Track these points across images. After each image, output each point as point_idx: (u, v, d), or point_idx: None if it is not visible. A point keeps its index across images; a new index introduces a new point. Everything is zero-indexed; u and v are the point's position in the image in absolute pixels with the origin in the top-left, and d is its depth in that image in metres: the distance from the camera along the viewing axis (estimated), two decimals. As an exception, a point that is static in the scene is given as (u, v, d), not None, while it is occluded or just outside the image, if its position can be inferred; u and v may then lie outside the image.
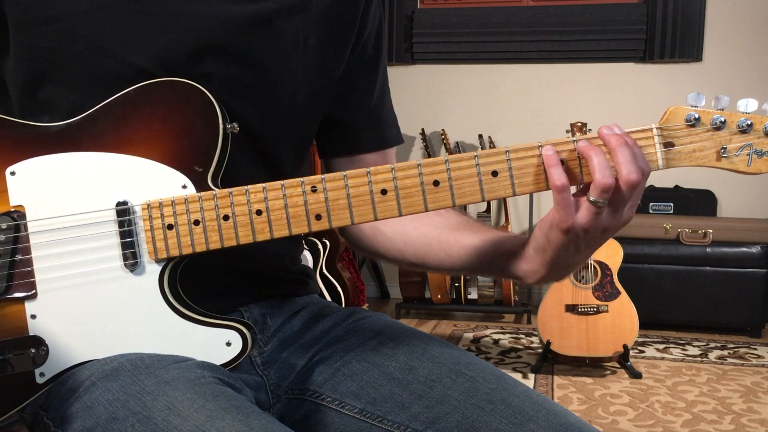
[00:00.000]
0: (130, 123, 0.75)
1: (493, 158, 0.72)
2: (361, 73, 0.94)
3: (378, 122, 0.97)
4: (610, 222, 0.70)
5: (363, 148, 0.96)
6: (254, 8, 0.81)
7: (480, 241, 0.84)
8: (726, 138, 0.71)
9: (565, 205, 0.69)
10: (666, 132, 0.72)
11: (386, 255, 0.93)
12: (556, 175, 0.69)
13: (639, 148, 0.70)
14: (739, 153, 0.71)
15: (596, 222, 0.69)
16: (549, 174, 0.69)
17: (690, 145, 0.72)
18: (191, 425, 0.63)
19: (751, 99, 0.71)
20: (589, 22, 4.01)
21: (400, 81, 4.26)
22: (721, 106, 0.72)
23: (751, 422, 2.35)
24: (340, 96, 0.93)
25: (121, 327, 0.74)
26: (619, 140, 0.69)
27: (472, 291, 3.78)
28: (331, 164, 0.98)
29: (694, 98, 0.72)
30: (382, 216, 0.73)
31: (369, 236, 0.94)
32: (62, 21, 0.76)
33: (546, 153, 0.70)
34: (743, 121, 0.71)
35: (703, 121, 0.71)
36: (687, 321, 3.53)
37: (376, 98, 0.96)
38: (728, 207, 3.95)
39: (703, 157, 0.72)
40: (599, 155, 0.68)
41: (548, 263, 0.75)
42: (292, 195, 0.73)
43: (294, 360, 0.87)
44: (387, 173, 0.72)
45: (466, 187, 0.72)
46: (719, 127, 0.71)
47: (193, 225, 0.73)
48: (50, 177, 0.74)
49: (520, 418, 0.74)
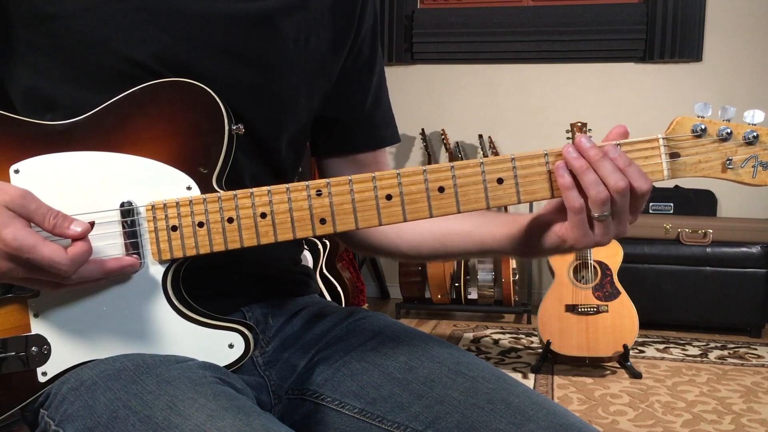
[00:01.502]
0: (135, 123, 0.75)
1: (498, 165, 0.72)
2: (356, 74, 0.95)
3: (372, 122, 0.98)
4: (618, 230, 0.73)
5: (356, 148, 0.97)
6: (256, 6, 0.81)
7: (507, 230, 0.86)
8: (732, 149, 0.72)
9: (582, 225, 0.72)
10: (672, 142, 0.72)
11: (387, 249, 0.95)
12: (573, 198, 0.71)
13: (610, 156, 0.71)
14: (744, 165, 0.72)
15: (608, 234, 0.73)
16: (565, 196, 0.71)
17: (695, 156, 0.72)
18: (192, 424, 0.63)
19: (757, 110, 0.71)
20: (589, 22, 4.01)
21: (400, 81, 4.26)
22: (727, 116, 0.72)
23: (751, 422, 2.35)
24: (336, 95, 0.93)
25: (124, 327, 0.74)
26: (598, 154, 0.70)
27: (472, 291, 3.78)
28: (323, 163, 0.99)
29: (701, 108, 0.72)
30: (387, 221, 0.73)
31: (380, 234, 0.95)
32: (64, 18, 0.76)
33: (559, 175, 0.71)
34: (749, 133, 0.71)
35: (709, 132, 0.72)
36: (687, 321, 3.53)
37: (371, 99, 0.97)
38: (728, 207, 3.95)
39: (708, 168, 0.72)
40: (589, 173, 0.70)
41: (545, 255, 0.82)
42: (297, 199, 0.73)
43: (295, 360, 0.87)
44: (392, 179, 0.72)
45: (471, 194, 0.72)
46: (725, 138, 0.71)
47: (197, 227, 0.73)
48: (54, 176, 0.74)
49: (520, 418, 0.74)
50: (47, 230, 0.67)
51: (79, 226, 0.68)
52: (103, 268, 0.70)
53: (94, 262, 0.69)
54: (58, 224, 0.67)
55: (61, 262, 0.65)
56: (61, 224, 0.67)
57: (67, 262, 0.66)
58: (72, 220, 0.68)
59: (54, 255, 0.65)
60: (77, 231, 0.68)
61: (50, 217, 0.67)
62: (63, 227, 0.68)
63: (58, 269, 0.65)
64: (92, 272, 0.69)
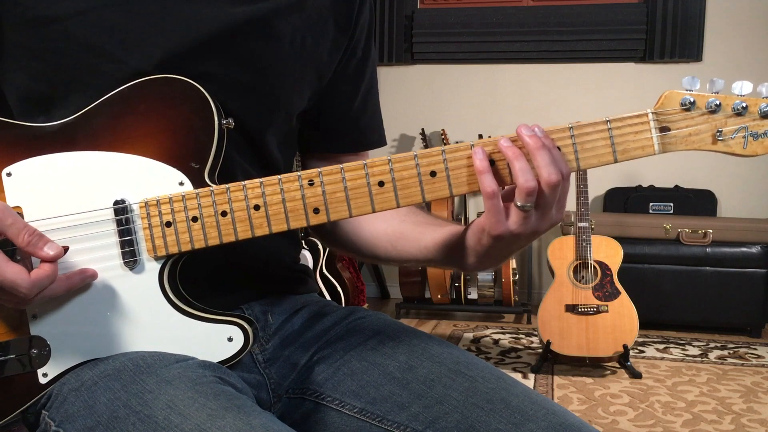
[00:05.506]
0: (125, 121, 0.75)
1: (490, 147, 0.72)
2: (347, 76, 0.95)
3: (357, 126, 0.98)
4: (539, 225, 0.72)
5: (339, 148, 0.98)
6: (251, 9, 0.81)
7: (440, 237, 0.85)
8: (721, 121, 0.71)
9: (496, 211, 0.71)
10: (661, 117, 0.72)
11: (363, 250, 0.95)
12: (486, 183, 0.70)
13: (557, 149, 0.71)
14: (734, 136, 0.71)
15: (526, 226, 0.71)
16: (480, 181, 0.70)
17: (686, 129, 0.72)
18: (192, 424, 0.63)
19: (745, 81, 0.71)
20: (589, 22, 4.01)
21: (400, 81, 4.26)
22: (716, 89, 0.72)
23: (751, 422, 2.35)
24: (326, 96, 0.94)
25: (122, 325, 0.75)
26: (537, 143, 0.69)
27: (472, 291, 3.78)
28: (308, 164, 0.99)
29: (688, 82, 0.72)
30: (380, 208, 0.73)
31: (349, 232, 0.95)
32: (59, 22, 0.76)
33: (476, 159, 0.71)
34: (738, 104, 0.71)
35: (698, 104, 0.71)
36: (687, 321, 3.53)
37: (359, 101, 0.97)
38: (728, 207, 3.95)
39: (699, 140, 0.72)
40: (520, 160, 0.69)
41: (481, 260, 0.78)
42: (289, 189, 0.73)
43: (295, 358, 0.87)
44: (384, 165, 0.72)
45: (463, 176, 0.72)
46: (714, 110, 0.71)
47: (192, 222, 0.73)
48: (47, 177, 0.74)
49: (520, 417, 0.74)
50: (20, 246, 0.67)
51: (53, 249, 0.68)
52: (67, 285, 0.71)
53: (59, 279, 0.69)
54: (33, 242, 0.67)
55: (22, 285, 0.65)
56: (35, 243, 0.67)
57: (28, 285, 0.66)
58: (48, 241, 0.68)
59: (16, 277, 0.65)
60: (49, 254, 0.67)
61: (25, 234, 0.67)
62: (37, 246, 0.67)
63: (18, 291, 0.66)
64: (55, 290, 0.70)
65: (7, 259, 0.66)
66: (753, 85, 0.71)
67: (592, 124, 0.72)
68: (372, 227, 0.92)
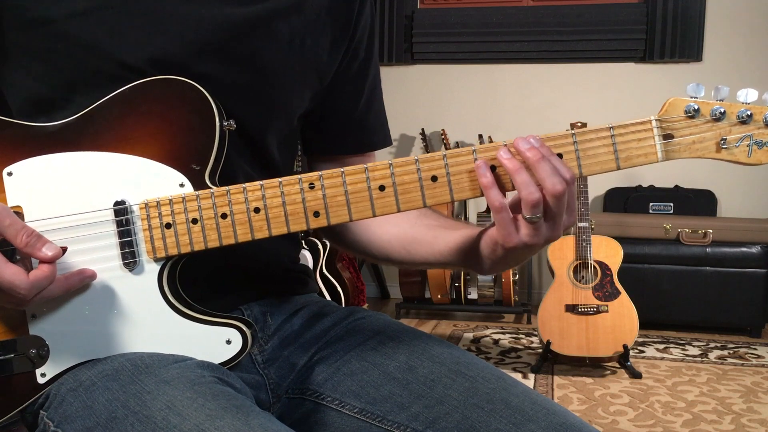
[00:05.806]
0: (126, 122, 0.75)
1: (491, 153, 0.71)
2: (350, 77, 0.95)
3: (362, 126, 0.98)
4: (551, 234, 0.71)
5: (345, 150, 0.98)
6: (250, 10, 0.81)
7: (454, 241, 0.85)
8: (726, 129, 0.71)
9: (506, 224, 0.70)
10: (665, 124, 0.71)
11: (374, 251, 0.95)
12: (493, 196, 0.70)
13: (556, 156, 0.70)
14: (739, 144, 0.71)
15: (538, 237, 0.70)
16: (486, 196, 0.70)
17: (690, 137, 0.71)
18: (191, 424, 0.63)
19: (750, 89, 0.70)
20: (589, 22, 4.01)
21: (400, 81, 4.26)
22: (720, 96, 0.71)
23: (751, 422, 2.35)
24: (329, 98, 0.94)
25: (121, 326, 0.74)
26: (537, 155, 0.68)
27: (472, 291, 3.77)
28: (314, 166, 0.99)
29: (693, 89, 0.71)
30: (381, 212, 0.73)
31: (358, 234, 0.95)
32: (58, 22, 0.76)
33: (481, 176, 0.70)
34: (743, 112, 0.70)
35: (702, 112, 0.71)
36: (687, 321, 3.53)
37: (363, 102, 0.97)
38: (728, 207, 3.95)
39: (702, 148, 0.71)
40: (521, 173, 0.69)
41: (497, 266, 0.79)
42: (290, 192, 0.73)
43: (294, 359, 0.87)
44: (385, 169, 0.72)
45: (465, 182, 0.72)
46: (719, 118, 0.71)
47: (191, 223, 0.73)
48: (47, 177, 0.74)
49: (520, 417, 0.74)
50: (19, 247, 0.67)
51: (51, 250, 0.67)
52: (66, 285, 0.70)
53: (57, 280, 0.69)
54: (31, 243, 0.67)
55: (20, 285, 0.65)
56: (33, 243, 0.67)
57: (27, 286, 0.65)
58: (46, 242, 0.68)
59: (14, 278, 0.65)
60: (47, 255, 0.67)
61: (24, 234, 0.67)
62: (35, 247, 0.67)
63: (17, 292, 0.65)
64: (54, 291, 0.69)
65: (5, 260, 0.65)
66: (759, 93, 0.71)
67: (595, 130, 0.71)
68: (382, 231, 0.92)
